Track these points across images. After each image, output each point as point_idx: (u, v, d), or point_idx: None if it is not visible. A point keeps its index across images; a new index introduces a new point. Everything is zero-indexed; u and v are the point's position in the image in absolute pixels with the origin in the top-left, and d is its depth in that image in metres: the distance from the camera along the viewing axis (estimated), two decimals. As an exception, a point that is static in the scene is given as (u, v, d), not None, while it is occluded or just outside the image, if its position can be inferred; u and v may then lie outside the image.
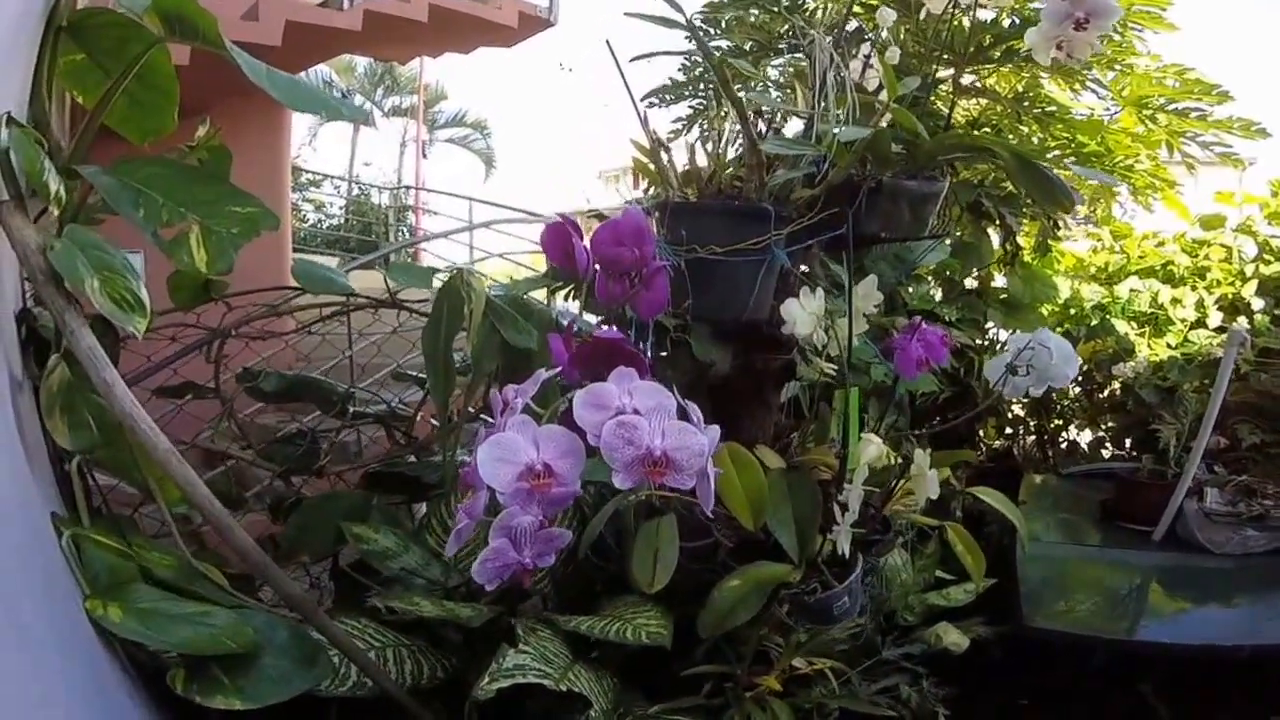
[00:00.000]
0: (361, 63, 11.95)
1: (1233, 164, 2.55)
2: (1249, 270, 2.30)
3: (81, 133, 0.90)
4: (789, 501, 1.03)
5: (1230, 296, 2.29)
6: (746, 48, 3.03)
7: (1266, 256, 2.33)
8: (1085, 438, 2.73)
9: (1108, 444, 2.62)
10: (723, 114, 1.11)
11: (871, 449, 0.87)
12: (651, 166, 0.95)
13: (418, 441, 1.72)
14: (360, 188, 10.57)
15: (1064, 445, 2.75)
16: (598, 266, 0.78)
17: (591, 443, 0.59)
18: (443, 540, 1.09)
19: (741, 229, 0.87)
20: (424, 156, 11.74)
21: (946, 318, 2.33)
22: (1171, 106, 2.63)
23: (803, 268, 1.14)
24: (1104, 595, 1.67)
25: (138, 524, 1.11)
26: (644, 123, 0.94)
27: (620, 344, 0.71)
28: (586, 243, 0.76)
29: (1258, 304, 2.24)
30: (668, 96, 3.26)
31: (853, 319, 0.92)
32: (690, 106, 3.26)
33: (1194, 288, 2.31)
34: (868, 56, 1.37)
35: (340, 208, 9.99)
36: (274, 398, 1.64)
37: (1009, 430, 2.82)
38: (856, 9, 3.08)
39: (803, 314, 0.88)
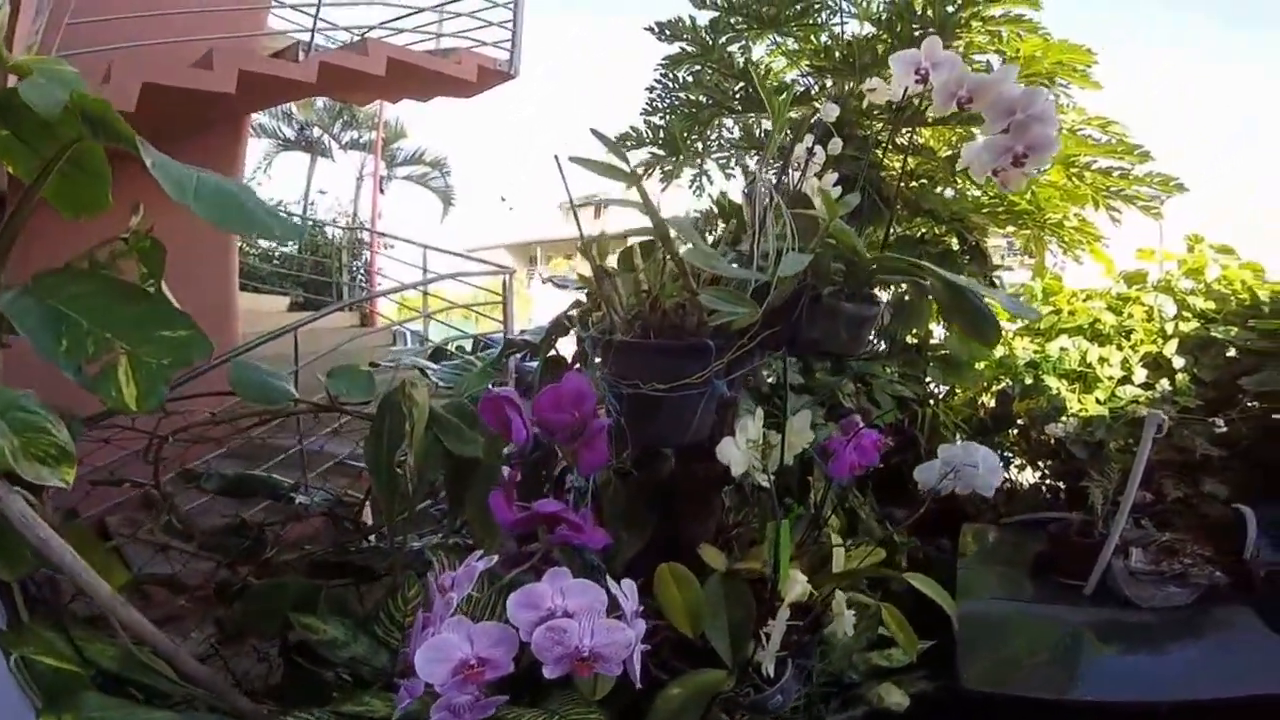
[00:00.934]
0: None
1: (1153, 216, 2.74)
2: (1169, 329, 2.45)
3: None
4: (724, 610, 1.09)
5: (1154, 354, 2.43)
6: (703, 100, 3.15)
7: (1185, 314, 2.48)
8: (1027, 475, 2.84)
9: (1046, 484, 2.73)
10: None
11: (797, 588, 0.92)
12: (598, 286, 0.98)
13: (366, 529, 1.73)
14: (314, 222, 10.38)
15: (1006, 485, 2.86)
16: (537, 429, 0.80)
17: (524, 639, 0.62)
18: (391, 631, 1.10)
19: (683, 365, 0.91)
20: (381, 192, 11.63)
21: (889, 372, 2.42)
22: (1096, 165, 2.82)
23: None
24: (1038, 653, 1.74)
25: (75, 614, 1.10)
26: (587, 253, 0.96)
27: (559, 513, 0.75)
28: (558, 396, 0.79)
29: (1179, 362, 2.37)
30: (629, 143, 3.36)
31: (785, 450, 0.97)
32: (650, 153, 3.36)
33: (1119, 347, 2.44)
34: (811, 149, 1.43)
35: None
36: (219, 493, 1.63)
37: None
38: (807, 65, 3.22)
39: (738, 454, 0.93)
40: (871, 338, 1.60)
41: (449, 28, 5.15)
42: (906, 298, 2.61)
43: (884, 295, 2.58)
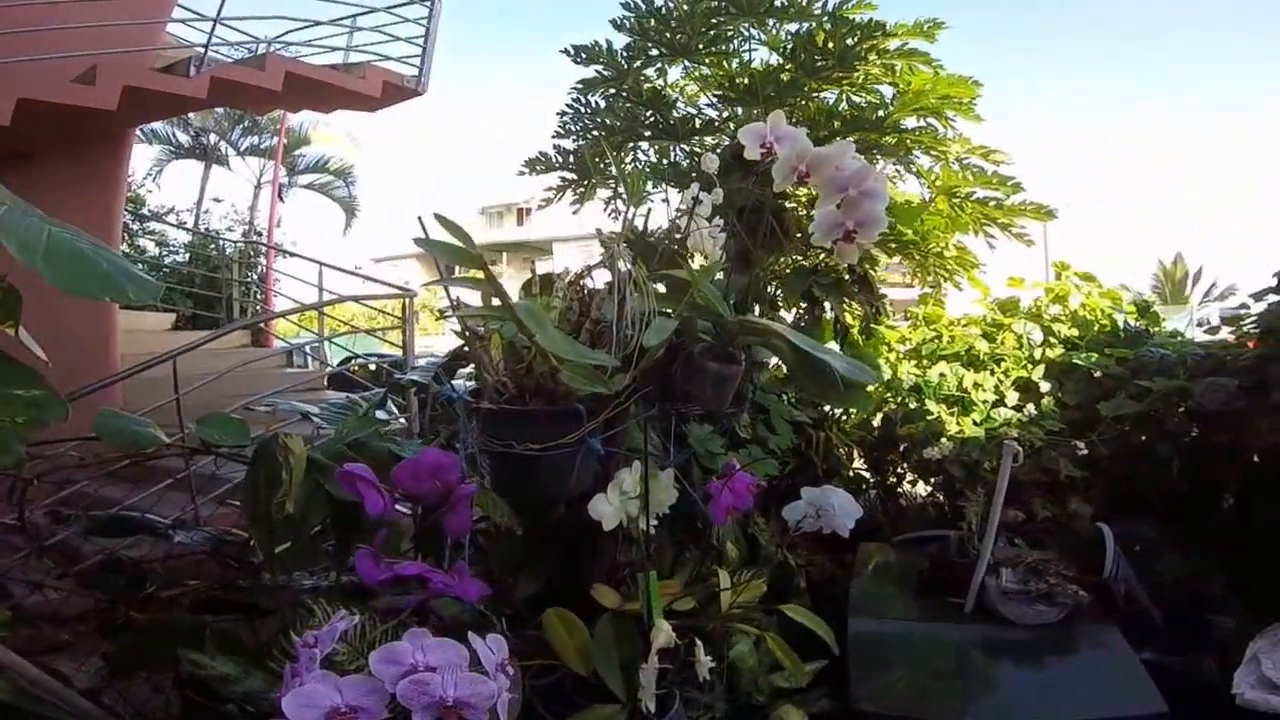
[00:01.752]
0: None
1: (1025, 243, 2.98)
2: (1037, 354, 2.66)
3: None
4: (615, 648, 1.11)
5: (1023, 379, 2.63)
6: (616, 125, 3.19)
7: (1051, 341, 2.70)
8: (921, 489, 3.01)
9: (935, 500, 2.90)
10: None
11: (662, 636, 0.95)
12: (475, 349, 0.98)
13: (251, 566, 1.65)
14: (207, 231, 9.75)
15: (901, 500, 3.02)
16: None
17: (389, 690, 0.61)
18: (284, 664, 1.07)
19: (555, 428, 0.92)
20: (281, 200, 11.10)
21: (786, 399, 2.52)
22: (975, 196, 3.05)
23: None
24: (922, 671, 1.82)
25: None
26: (463, 325, 0.96)
27: (422, 574, 0.74)
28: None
29: (1045, 386, 2.58)
30: (539, 167, 3.37)
31: (650, 510, 1.00)
32: (561, 178, 3.38)
33: (992, 372, 2.64)
34: (696, 198, 1.48)
35: (184, 245, 9.17)
36: (90, 534, 1.54)
37: (852, 489, 3.08)
38: (716, 94, 3.31)
39: (608, 510, 0.95)
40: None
41: (365, 42, 5.04)
42: (803, 324, 2.73)
43: (788, 315, 2.71)
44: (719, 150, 3.14)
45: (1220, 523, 2.38)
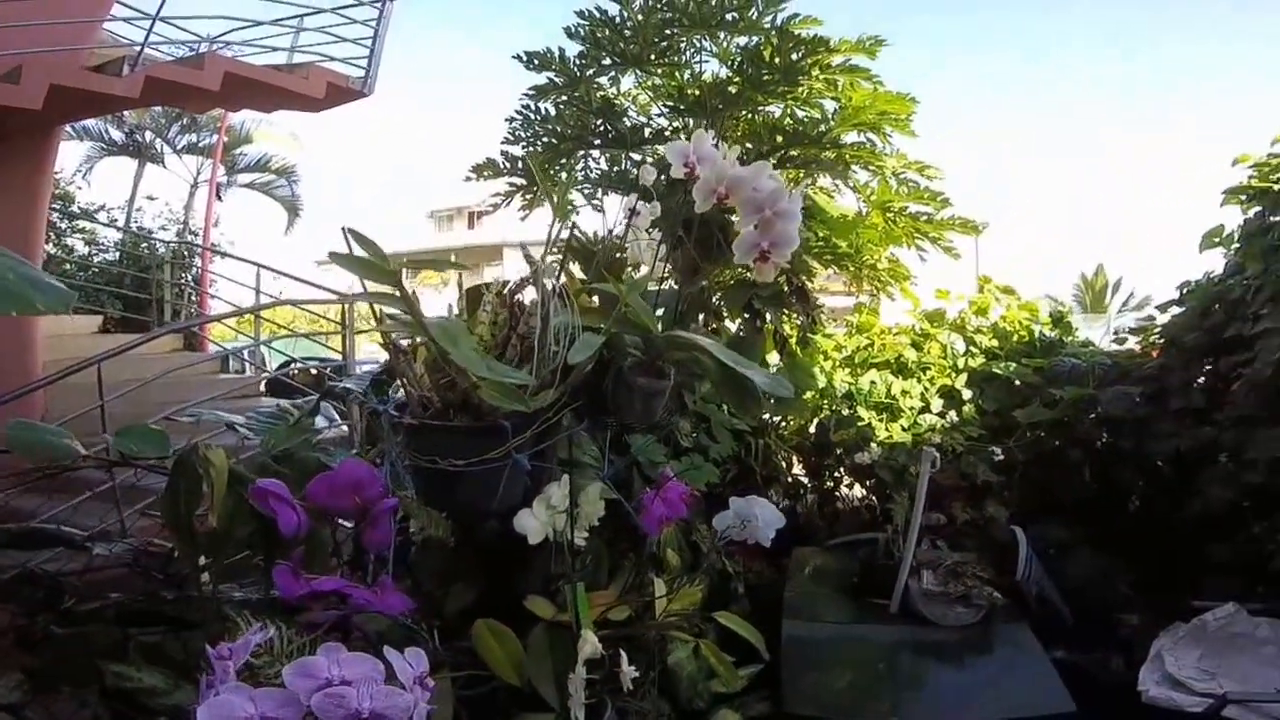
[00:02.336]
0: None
1: (952, 257, 3.13)
2: (960, 364, 2.80)
3: None
4: (549, 657, 1.13)
5: (947, 386, 2.77)
6: (566, 133, 3.22)
7: (973, 350, 2.84)
8: (858, 491, 3.11)
9: (868, 503, 3.00)
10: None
11: (587, 647, 0.98)
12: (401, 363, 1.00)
13: (175, 578, 1.62)
14: (139, 229, 9.33)
15: (839, 503, 3.11)
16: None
17: (304, 703, 0.63)
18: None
19: (480, 443, 0.94)
20: (219, 199, 10.72)
21: (725, 407, 2.58)
22: (908, 211, 3.18)
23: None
24: (851, 673, 1.89)
25: None
26: (390, 344, 0.97)
27: (341, 590, 0.76)
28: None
29: (967, 394, 2.72)
30: (487, 173, 3.37)
31: (574, 524, 1.04)
32: (509, 184, 3.38)
33: (919, 380, 2.76)
34: (633, 209, 1.51)
35: (115, 244, 8.75)
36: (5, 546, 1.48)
37: (791, 493, 3.16)
38: (665, 104, 3.36)
39: (534, 524, 0.98)
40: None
41: (312, 43, 4.93)
42: (741, 334, 2.80)
43: (733, 325, 2.78)
44: (656, 162, 3.21)
45: (1127, 524, 2.53)
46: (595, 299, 1.34)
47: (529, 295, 1.45)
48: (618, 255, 1.39)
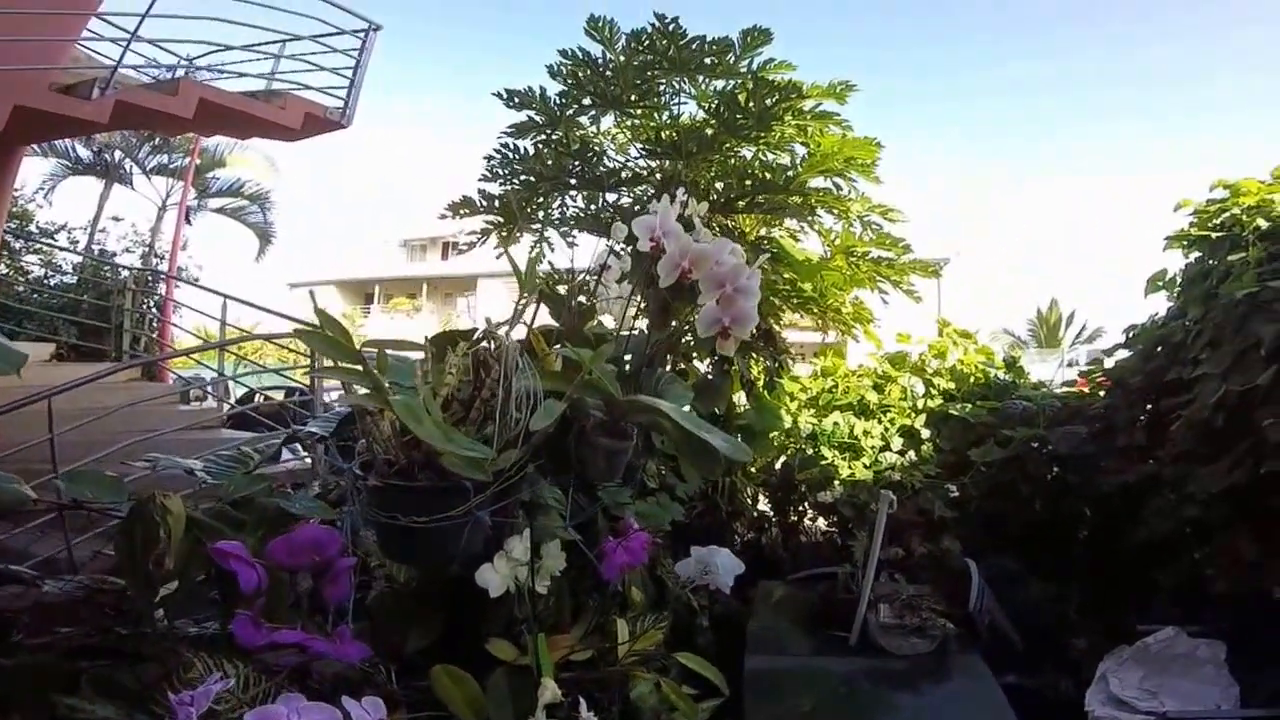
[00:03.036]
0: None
1: (914, 299, 3.23)
2: (920, 405, 2.89)
3: None
4: (510, 702, 1.14)
5: (907, 426, 2.85)
6: (543, 172, 3.26)
7: (932, 392, 2.94)
8: (821, 523, 3.17)
9: (832, 536, 3.06)
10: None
11: (547, 693, 1.00)
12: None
13: (129, 615, 1.59)
14: (101, 252, 9.08)
15: (802, 536, 3.16)
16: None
17: None
18: (167, 713, 1.05)
19: (443, 501, 0.95)
20: (188, 223, 10.53)
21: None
22: (870, 256, 3.28)
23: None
24: (812, 703, 1.93)
25: None
26: (353, 407, 0.99)
27: (300, 642, 0.78)
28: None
29: (926, 433, 2.80)
30: (464, 211, 3.40)
31: (535, 577, 1.06)
32: (486, 222, 3.41)
33: (880, 420, 2.85)
34: (604, 264, 1.55)
35: (74, 267, 8.44)
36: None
37: (757, 526, 3.21)
38: (642, 146, 3.43)
39: (495, 579, 1.01)
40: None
41: (291, 69, 4.89)
42: (710, 376, 2.85)
43: (703, 365, 2.83)
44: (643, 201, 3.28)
45: (1075, 553, 2.63)
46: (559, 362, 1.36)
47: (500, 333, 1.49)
48: (587, 303, 1.43)
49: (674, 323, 1.84)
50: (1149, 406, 2.67)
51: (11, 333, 5.59)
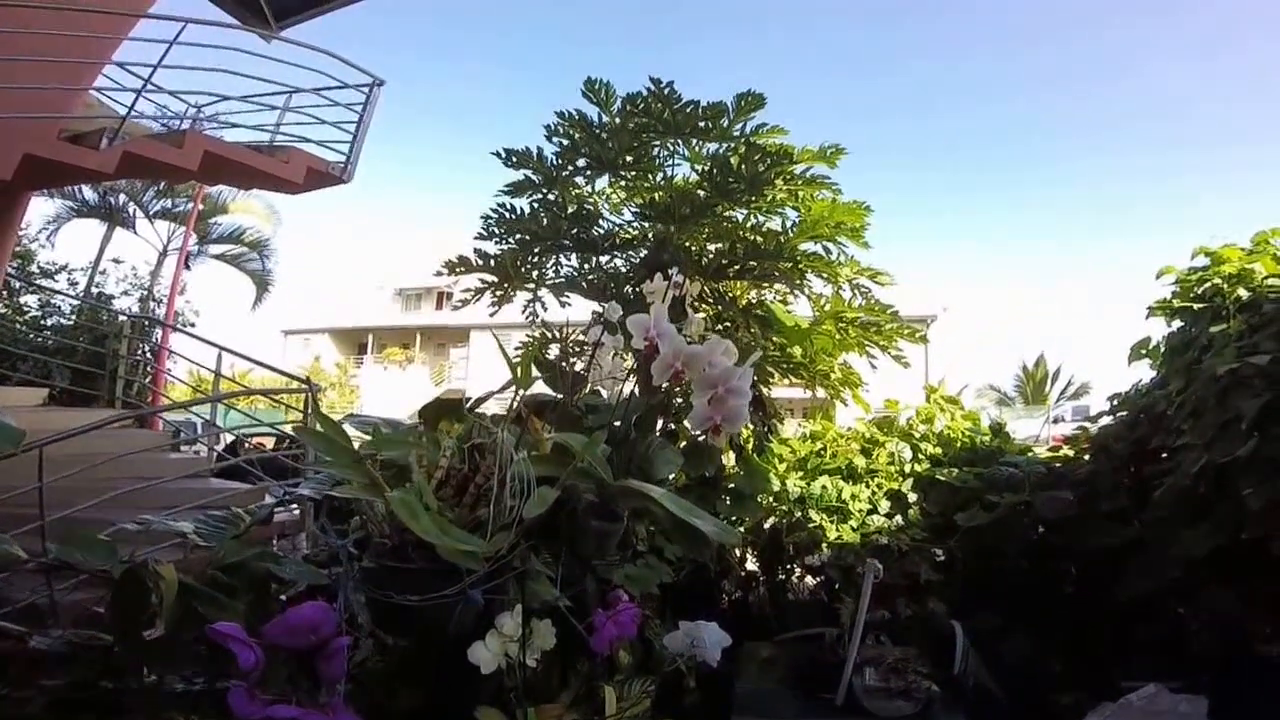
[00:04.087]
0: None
1: (902, 365, 3.28)
2: (907, 469, 2.93)
3: None
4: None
5: (894, 490, 2.88)
6: (539, 233, 3.34)
7: (920, 457, 2.97)
8: (809, 581, 3.15)
9: (820, 597, 3.04)
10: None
11: None
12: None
13: (118, 668, 1.58)
14: (99, 296, 9.14)
15: (790, 594, 3.14)
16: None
17: None
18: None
19: (436, 582, 0.98)
20: (187, 268, 10.64)
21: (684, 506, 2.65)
22: (859, 322, 3.34)
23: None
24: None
25: None
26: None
27: (297, 718, 0.79)
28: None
29: (913, 497, 2.83)
30: (460, 270, 3.47)
31: (525, 651, 1.09)
32: (481, 280, 3.47)
33: (867, 484, 2.88)
34: (599, 340, 1.61)
35: (72, 309, 8.44)
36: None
37: (745, 585, 3.19)
38: (636, 209, 3.52)
39: (487, 655, 1.03)
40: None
41: (295, 121, 4.99)
42: (700, 440, 2.89)
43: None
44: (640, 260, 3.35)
45: (1060, 611, 2.63)
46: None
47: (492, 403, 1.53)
48: (579, 372, 1.48)
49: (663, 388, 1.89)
50: (1132, 469, 2.72)
51: (4, 376, 5.58)
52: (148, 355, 7.24)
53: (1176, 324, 2.78)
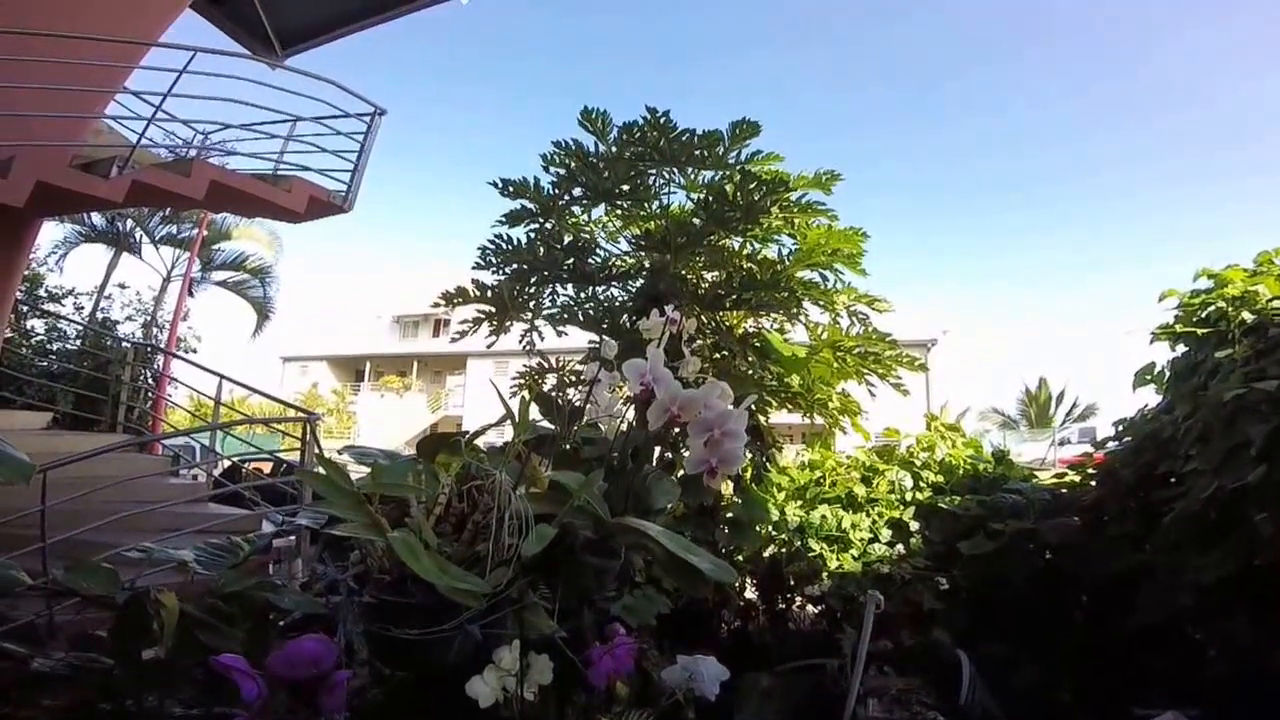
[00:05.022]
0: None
1: (901, 393, 3.27)
2: (908, 497, 2.91)
3: None
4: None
5: (896, 518, 2.86)
6: (536, 264, 3.36)
7: (921, 485, 2.96)
8: (810, 609, 3.11)
9: (820, 625, 3.01)
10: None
11: None
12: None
13: (118, 691, 1.57)
14: (104, 322, 9.18)
15: (790, 623, 3.11)
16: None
17: None
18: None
19: (435, 616, 0.98)
20: (190, 295, 10.71)
21: (684, 535, 2.63)
22: (857, 351, 3.33)
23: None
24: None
25: None
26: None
27: None
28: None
29: (915, 525, 2.81)
30: (457, 301, 3.48)
31: (523, 686, 1.08)
32: (478, 311, 3.48)
33: (868, 513, 2.86)
34: (595, 378, 1.61)
35: (77, 334, 8.52)
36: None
37: (744, 614, 3.16)
38: (632, 237, 3.52)
39: (485, 690, 1.02)
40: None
41: (298, 149, 5.03)
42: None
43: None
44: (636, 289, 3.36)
45: (1068, 639, 2.59)
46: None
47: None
48: (576, 405, 1.48)
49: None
50: (1140, 495, 2.70)
51: (10, 400, 5.61)
52: (149, 381, 7.26)
53: (1181, 348, 2.76)
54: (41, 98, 3.77)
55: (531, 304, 3.40)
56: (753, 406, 2.97)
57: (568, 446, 1.46)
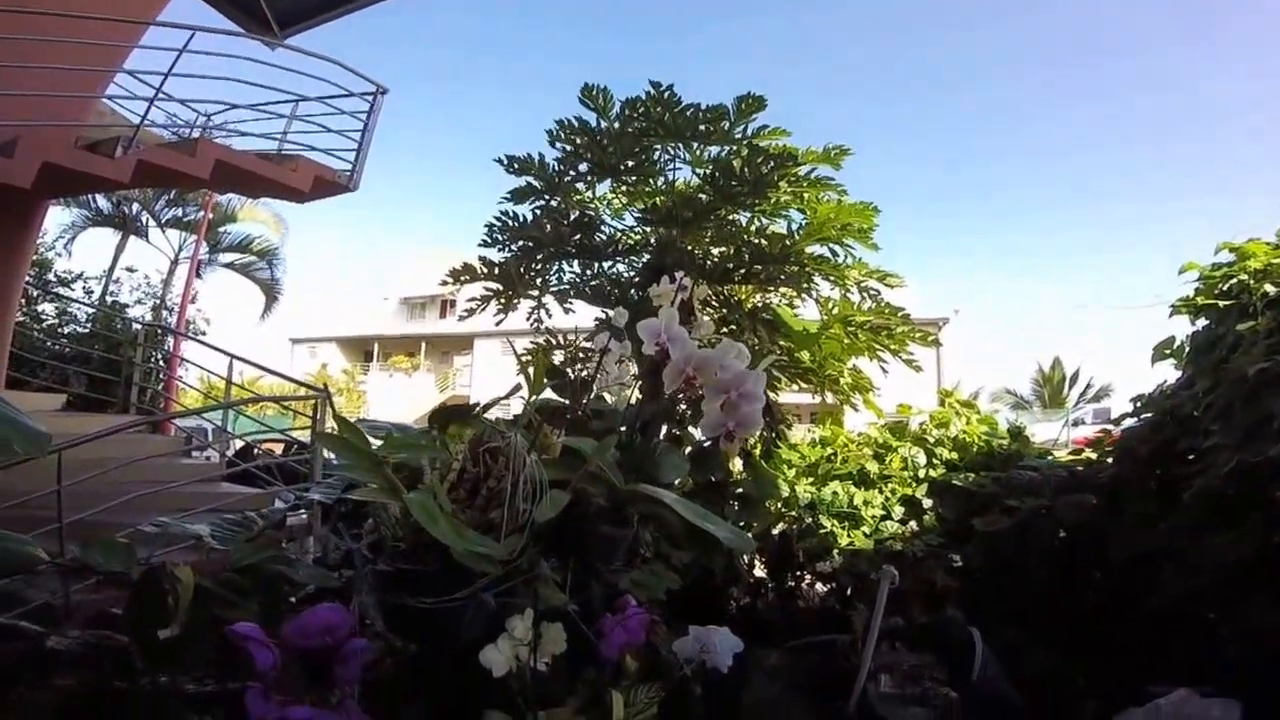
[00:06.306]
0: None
1: (914, 369, 3.23)
2: (921, 474, 2.88)
3: None
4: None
5: (909, 495, 2.84)
6: (542, 240, 3.33)
7: (935, 462, 2.93)
8: (820, 587, 3.11)
9: (832, 601, 3.00)
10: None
11: None
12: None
13: (131, 668, 1.59)
14: (114, 304, 9.22)
15: (799, 600, 3.10)
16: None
17: None
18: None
19: (449, 584, 0.98)
20: (198, 277, 10.74)
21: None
22: (869, 325, 3.29)
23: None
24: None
25: None
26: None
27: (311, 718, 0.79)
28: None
29: (927, 502, 2.79)
30: (464, 278, 3.46)
31: (536, 656, 1.07)
32: (485, 289, 3.46)
33: (880, 490, 2.84)
34: (605, 347, 1.60)
35: (87, 317, 8.58)
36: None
37: (753, 591, 3.16)
38: (639, 212, 3.48)
39: (499, 658, 1.01)
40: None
41: (301, 129, 5.02)
42: (706, 445, 2.87)
43: (698, 432, 2.84)
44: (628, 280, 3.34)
45: (1083, 620, 2.57)
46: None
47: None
48: (585, 378, 1.46)
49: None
50: (1158, 472, 2.65)
51: (24, 381, 5.67)
52: (161, 363, 7.29)
53: (1201, 322, 2.70)
54: (43, 78, 3.75)
55: (538, 280, 3.38)
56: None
57: (579, 413, 1.44)
